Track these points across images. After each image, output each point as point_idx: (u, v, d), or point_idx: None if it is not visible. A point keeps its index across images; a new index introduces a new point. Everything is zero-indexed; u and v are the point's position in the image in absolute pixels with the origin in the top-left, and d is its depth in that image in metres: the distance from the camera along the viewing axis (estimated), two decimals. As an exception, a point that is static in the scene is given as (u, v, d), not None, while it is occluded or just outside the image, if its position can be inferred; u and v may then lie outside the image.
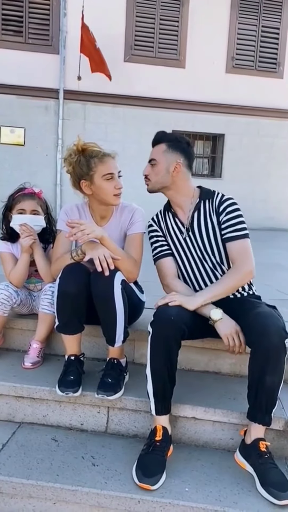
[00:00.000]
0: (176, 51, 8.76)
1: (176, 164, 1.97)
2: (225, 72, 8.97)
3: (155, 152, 2.01)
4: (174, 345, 1.73)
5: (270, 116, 9.15)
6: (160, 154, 1.98)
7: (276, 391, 1.69)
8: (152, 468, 1.66)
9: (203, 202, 2.02)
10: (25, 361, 2.14)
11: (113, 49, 8.31)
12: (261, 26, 8.96)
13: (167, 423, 1.79)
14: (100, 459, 1.77)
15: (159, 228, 2.12)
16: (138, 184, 2.11)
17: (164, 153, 1.98)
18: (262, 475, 1.65)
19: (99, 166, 1.96)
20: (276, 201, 9.31)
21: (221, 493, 1.62)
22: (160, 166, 1.98)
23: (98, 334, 2.06)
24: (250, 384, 1.73)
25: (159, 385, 1.75)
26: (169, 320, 1.70)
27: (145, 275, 2.18)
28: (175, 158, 1.98)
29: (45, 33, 8.35)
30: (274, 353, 1.63)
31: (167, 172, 1.97)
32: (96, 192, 2.00)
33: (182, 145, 2.02)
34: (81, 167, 1.97)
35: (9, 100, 8.35)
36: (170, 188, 2.01)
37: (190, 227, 2.02)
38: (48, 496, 1.63)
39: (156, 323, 1.74)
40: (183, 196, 2.04)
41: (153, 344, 1.74)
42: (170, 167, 1.97)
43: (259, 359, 1.66)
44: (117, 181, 2.00)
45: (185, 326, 1.73)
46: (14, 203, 2.23)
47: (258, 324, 1.67)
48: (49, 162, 8.61)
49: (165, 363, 1.73)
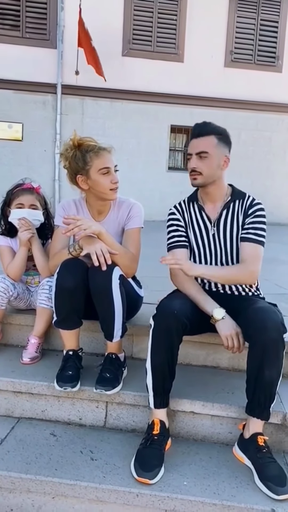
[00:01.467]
0: (174, 45, 8.71)
1: (225, 159, 1.93)
2: (224, 66, 8.93)
3: (206, 144, 1.90)
4: (176, 339, 1.73)
5: (269, 110, 9.12)
6: (213, 147, 1.89)
7: (274, 385, 1.69)
8: (150, 462, 1.66)
9: (234, 201, 1.99)
10: (24, 357, 2.14)
11: (111, 43, 8.27)
12: (259, 19, 8.91)
13: (164, 417, 1.79)
14: (98, 454, 1.77)
15: (181, 217, 2.06)
16: (136, 179, 2.10)
17: (217, 146, 1.90)
18: (260, 469, 1.66)
19: (95, 160, 1.95)
20: (275, 196, 9.29)
21: (219, 487, 1.63)
22: (213, 159, 1.90)
23: (96, 329, 2.06)
24: (249, 379, 1.73)
25: (159, 379, 1.75)
26: (172, 314, 1.70)
27: (144, 270, 2.18)
28: (224, 153, 1.93)
29: (42, 27, 8.30)
30: (272, 347, 1.63)
31: (218, 166, 1.92)
32: (92, 187, 1.99)
33: (229, 138, 1.97)
34: (77, 161, 1.96)
35: (6, 95, 8.31)
36: (215, 183, 1.96)
37: (216, 223, 1.99)
38: (46, 490, 1.63)
39: (158, 316, 1.74)
40: (221, 192, 2.00)
41: (155, 337, 1.74)
42: (220, 161, 1.92)
43: (258, 354, 1.66)
44: (113, 176, 1.98)
45: (187, 320, 1.73)
46: (12, 198, 2.24)
47: (257, 318, 1.67)
48: (47, 157, 8.58)
49: (166, 356, 1.73)
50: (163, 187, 8.84)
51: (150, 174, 8.64)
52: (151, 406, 1.79)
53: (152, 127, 8.85)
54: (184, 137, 9.34)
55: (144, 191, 8.25)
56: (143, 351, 2.15)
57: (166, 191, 8.76)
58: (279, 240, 6.75)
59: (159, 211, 8.32)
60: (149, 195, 8.59)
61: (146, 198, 9.19)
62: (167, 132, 9.00)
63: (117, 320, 1.88)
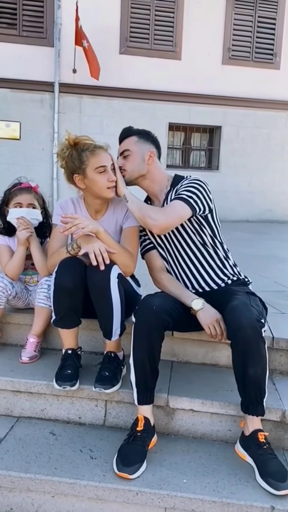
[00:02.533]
0: (172, 43, 8.69)
1: (150, 153, 2.01)
2: (222, 64, 8.90)
3: (127, 144, 2.04)
4: (156, 335, 1.75)
5: (267, 108, 9.09)
6: (133, 144, 2.02)
7: (262, 381, 1.70)
8: (130, 457, 1.67)
9: (172, 189, 2.03)
10: (22, 356, 2.14)
11: (108, 41, 8.24)
12: (257, 17, 8.88)
13: (149, 414, 1.80)
14: (98, 452, 1.78)
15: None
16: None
17: (137, 143, 2.02)
18: (261, 465, 1.66)
19: (91, 159, 1.93)
20: (274, 193, 9.28)
21: (218, 484, 1.63)
22: (135, 155, 2.01)
23: (95, 328, 2.06)
24: (236, 378, 1.75)
25: (141, 375, 1.77)
26: (151, 310, 1.73)
27: (142, 268, 2.17)
28: (148, 148, 2.02)
29: (39, 25, 8.26)
30: (251, 345, 1.64)
31: (142, 161, 2.00)
32: (89, 186, 1.98)
33: (151, 136, 2.09)
34: (73, 161, 1.94)
35: (4, 94, 8.28)
36: (146, 177, 2.04)
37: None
38: (46, 489, 1.64)
39: (138, 312, 1.77)
40: (158, 185, 2.06)
41: (136, 334, 1.77)
42: (145, 156, 2.00)
43: (239, 353, 1.68)
44: (110, 174, 1.97)
45: (168, 316, 1.75)
46: (10, 197, 2.23)
47: (232, 318, 1.69)
48: (45, 156, 8.56)
49: (147, 353, 1.74)
50: (161, 185, 8.82)
51: (148, 172, 8.62)
52: (135, 402, 1.80)
53: (150, 125, 8.66)
54: (182, 135, 9.32)
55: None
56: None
57: (164, 189, 8.74)
58: (277, 238, 6.75)
59: (157, 209, 8.35)
60: (147, 193, 8.59)
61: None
62: (165, 130, 8.97)
63: (115, 319, 1.88)
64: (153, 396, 1.82)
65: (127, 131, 2.08)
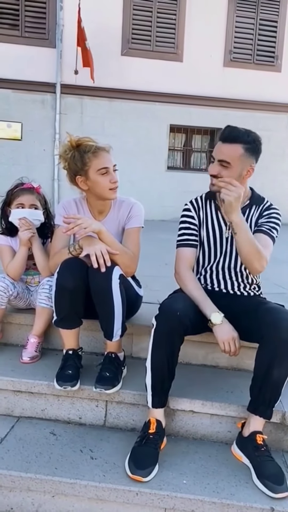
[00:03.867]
0: (173, 45, 8.71)
1: (249, 169, 1.85)
2: (223, 66, 8.92)
3: (230, 154, 1.81)
4: (178, 340, 1.74)
5: (267, 110, 9.11)
6: (236, 158, 1.81)
7: (281, 385, 1.70)
8: (144, 460, 1.67)
9: (251, 206, 1.99)
10: (23, 356, 2.14)
11: (110, 43, 8.26)
12: (258, 19, 8.90)
13: (161, 417, 1.80)
14: (98, 452, 1.78)
15: (196, 215, 2.03)
16: (136, 178, 2.10)
17: (241, 157, 1.81)
18: (258, 467, 1.66)
19: (93, 160, 1.94)
20: (274, 195, 9.10)
21: (218, 485, 1.63)
22: (234, 170, 1.82)
23: (96, 329, 2.06)
24: (256, 377, 1.74)
25: (158, 379, 1.76)
26: (175, 315, 1.70)
27: (143, 269, 2.18)
28: (250, 163, 1.85)
29: (41, 26, 8.28)
30: (284, 347, 1.64)
31: (239, 176, 1.84)
32: (92, 187, 1.99)
33: (258, 147, 1.87)
34: (75, 162, 1.95)
35: (5, 95, 8.30)
36: None
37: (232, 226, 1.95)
38: (46, 489, 1.64)
39: (161, 317, 1.74)
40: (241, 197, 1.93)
41: (157, 338, 1.74)
42: (243, 172, 1.85)
43: (268, 353, 1.67)
44: (112, 175, 1.97)
45: (189, 322, 1.73)
46: (12, 198, 2.24)
47: (269, 318, 1.68)
48: (47, 157, 8.57)
49: (166, 357, 1.73)
50: (162, 187, 8.84)
51: (149, 174, 8.63)
52: (149, 405, 1.79)
53: (151, 126, 8.84)
54: (183, 137, 9.33)
55: (143, 191, 8.23)
56: (143, 350, 2.16)
57: (165, 190, 8.76)
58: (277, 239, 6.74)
59: (158, 210, 8.35)
60: (148, 195, 8.57)
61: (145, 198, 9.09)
62: (166, 131, 8.99)
63: (116, 320, 1.88)
64: (167, 399, 1.82)
65: (233, 136, 1.82)
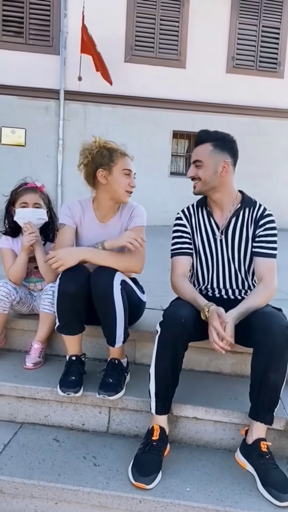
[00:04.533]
0: (176, 51, 8.76)
1: (224, 164, 1.90)
2: (226, 72, 8.97)
3: (200, 153, 1.92)
4: (182, 347, 1.74)
5: (270, 116, 9.14)
6: (206, 155, 1.90)
7: (279, 389, 1.70)
8: (148, 467, 1.66)
9: (243, 209, 1.97)
10: (27, 362, 2.14)
11: (113, 49, 8.32)
12: (261, 26, 8.96)
13: (165, 423, 1.79)
14: (101, 459, 1.77)
15: (188, 224, 2.05)
16: (138, 184, 2.11)
17: (211, 154, 1.90)
18: (263, 475, 1.65)
19: (121, 160, 2.04)
20: (277, 201, 9.28)
21: (222, 493, 1.62)
22: (207, 168, 1.90)
23: (99, 335, 2.06)
24: (253, 382, 1.73)
25: (162, 385, 1.75)
26: (180, 322, 1.71)
27: (146, 275, 2.18)
28: (223, 158, 1.90)
29: (45, 34, 8.36)
30: (278, 351, 1.64)
31: (215, 173, 1.90)
32: (110, 183, 2.04)
33: (228, 143, 1.93)
34: (103, 157, 2.03)
35: (10, 101, 8.36)
36: (218, 189, 1.94)
37: (225, 231, 1.98)
38: (49, 496, 1.63)
39: (165, 323, 1.74)
40: (228, 198, 1.97)
41: (161, 344, 1.74)
42: (218, 168, 1.89)
43: (263, 357, 1.67)
44: (132, 180, 2.08)
45: (193, 328, 1.73)
46: (16, 197, 2.27)
47: (263, 322, 1.68)
48: (50, 163, 8.61)
49: (170, 364, 1.73)
50: (165, 193, 8.86)
51: (152, 180, 8.65)
52: (152, 412, 1.79)
53: (154, 132, 8.88)
54: (186, 143, 9.36)
55: (146, 196, 8.20)
56: (146, 356, 2.15)
57: (168, 196, 8.78)
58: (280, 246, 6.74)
59: (161, 216, 8.34)
60: (151, 200, 8.57)
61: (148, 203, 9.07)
62: (169, 137, 9.03)
63: (119, 326, 1.89)
64: (171, 406, 1.81)
65: (202, 137, 1.93)
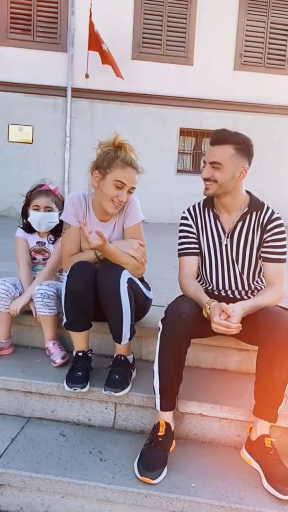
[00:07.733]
0: (184, 49, 8.73)
1: (242, 170, 1.85)
2: (233, 69, 8.93)
3: (220, 155, 1.83)
4: (184, 343, 1.75)
5: (278, 113, 9.09)
6: (227, 158, 1.82)
7: (283, 387, 1.70)
8: (153, 462, 1.67)
9: (251, 213, 1.93)
10: (55, 359, 2.13)
11: (121, 47, 8.32)
12: (269, 22, 8.90)
13: (170, 419, 1.80)
14: (107, 454, 1.79)
15: (194, 224, 2.02)
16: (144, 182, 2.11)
17: (232, 158, 1.82)
18: (268, 471, 1.66)
19: (118, 170, 1.95)
20: (285, 199, 9.24)
21: (227, 489, 1.63)
22: (226, 171, 1.82)
23: (105, 331, 2.07)
24: (258, 380, 1.74)
25: (165, 382, 1.76)
26: (181, 318, 1.72)
27: (152, 272, 2.19)
28: (242, 163, 1.84)
29: (53, 31, 8.37)
30: (283, 349, 1.64)
31: (232, 178, 1.84)
32: (100, 188, 2.01)
33: (249, 148, 1.87)
34: (104, 159, 1.98)
35: (17, 98, 8.39)
36: (229, 193, 1.89)
37: (230, 235, 1.95)
38: (56, 489, 1.65)
39: (167, 320, 1.75)
40: (237, 202, 1.93)
41: (163, 341, 1.75)
42: (236, 173, 1.84)
43: (268, 355, 1.67)
44: (123, 194, 1.97)
45: (195, 324, 1.74)
46: (31, 199, 2.34)
47: (267, 321, 1.69)
48: (57, 160, 8.64)
49: (173, 360, 1.74)
50: (171, 190, 8.86)
51: (158, 177, 8.65)
52: (157, 408, 1.80)
53: (161, 130, 8.87)
54: (193, 140, 9.34)
55: (152, 194, 8.27)
56: (152, 353, 2.15)
57: (174, 194, 8.78)
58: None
59: (167, 214, 8.36)
60: (157, 198, 8.61)
61: (154, 201, 9.21)
62: (176, 135, 9.02)
63: (125, 323, 1.90)
64: (175, 402, 1.82)
65: (222, 137, 1.84)
